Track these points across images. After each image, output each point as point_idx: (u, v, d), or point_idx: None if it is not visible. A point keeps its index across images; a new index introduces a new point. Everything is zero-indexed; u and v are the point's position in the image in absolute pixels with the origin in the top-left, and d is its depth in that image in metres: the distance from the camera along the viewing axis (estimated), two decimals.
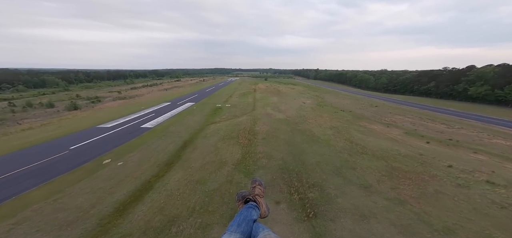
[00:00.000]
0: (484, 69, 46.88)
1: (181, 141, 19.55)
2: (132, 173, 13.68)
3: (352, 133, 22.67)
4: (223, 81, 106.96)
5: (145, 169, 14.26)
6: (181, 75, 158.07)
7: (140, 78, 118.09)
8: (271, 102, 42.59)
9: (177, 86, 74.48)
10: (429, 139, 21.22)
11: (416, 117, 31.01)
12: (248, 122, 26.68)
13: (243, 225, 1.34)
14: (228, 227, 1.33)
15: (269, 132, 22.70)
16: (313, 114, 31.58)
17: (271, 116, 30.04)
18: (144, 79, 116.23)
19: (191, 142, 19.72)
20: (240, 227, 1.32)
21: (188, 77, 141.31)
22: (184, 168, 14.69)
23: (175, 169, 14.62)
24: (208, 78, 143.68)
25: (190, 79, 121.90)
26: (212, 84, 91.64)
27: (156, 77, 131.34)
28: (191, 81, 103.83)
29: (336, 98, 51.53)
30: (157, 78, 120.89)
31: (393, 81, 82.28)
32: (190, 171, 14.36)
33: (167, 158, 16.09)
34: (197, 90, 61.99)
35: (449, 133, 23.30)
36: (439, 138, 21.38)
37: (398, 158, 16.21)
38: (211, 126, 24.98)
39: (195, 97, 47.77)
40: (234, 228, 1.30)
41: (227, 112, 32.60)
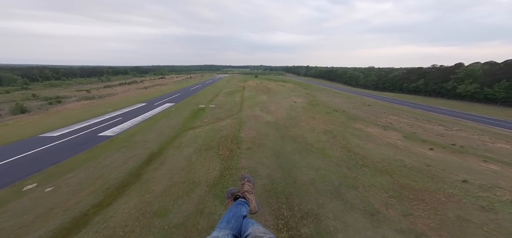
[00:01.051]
0: (472, 67, 46.94)
1: (146, 154, 16.06)
2: (62, 203, 10.17)
3: (349, 139, 20.28)
4: (211, 79, 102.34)
5: (85, 196, 10.77)
6: (167, 72, 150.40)
7: (120, 75, 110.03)
8: (260, 101, 39.63)
9: (159, 84, 69.25)
10: (431, 144, 19.31)
11: (411, 117, 29.46)
12: (233, 126, 23.55)
13: (232, 222, 1.35)
14: (217, 224, 1.35)
15: (255, 139, 19.74)
16: (305, 116, 29.03)
17: (259, 118, 27.09)
18: (124, 76, 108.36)
19: (159, 155, 16.29)
20: (229, 223, 1.33)
21: (174, 74, 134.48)
22: (141, 193, 11.37)
23: (128, 194, 11.25)
24: (195, 75, 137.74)
25: (176, 76, 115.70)
26: (199, 81, 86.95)
27: (137, 74, 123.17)
28: (177, 79, 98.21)
29: (328, 97, 49.61)
30: (139, 75, 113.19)
31: (382, 78, 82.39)
32: (148, 196, 11.09)
33: (121, 178, 12.63)
34: (180, 89, 57.53)
35: (450, 136, 21.65)
36: (441, 143, 19.55)
37: (404, 172, 13.90)
38: (188, 132, 21.57)
39: (177, 96, 43.63)
40: (224, 225, 1.31)
41: (210, 114, 29.19)
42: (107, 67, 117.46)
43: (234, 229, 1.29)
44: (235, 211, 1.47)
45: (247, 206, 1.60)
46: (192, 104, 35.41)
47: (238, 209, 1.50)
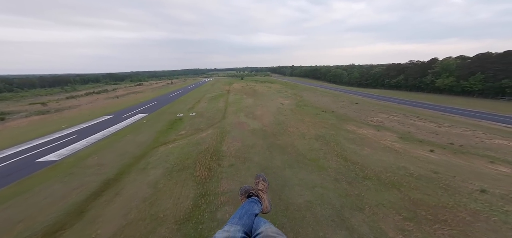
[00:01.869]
0: (447, 61, 48.60)
1: (98, 182, 12.51)
2: None
3: (343, 144, 18.22)
4: (194, 83, 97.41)
5: None
6: (146, 78, 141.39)
7: (90, 84, 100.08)
8: (246, 106, 36.83)
9: (135, 92, 63.35)
10: (430, 144, 17.90)
11: (400, 115, 28.57)
12: (214, 138, 20.47)
13: (244, 218, 1.34)
14: (229, 219, 1.34)
15: (239, 152, 16.88)
16: (294, 119, 26.77)
17: (244, 126, 24.27)
18: (95, 84, 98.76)
19: (116, 182, 12.80)
20: (241, 219, 1.32)
21: (154, 80, 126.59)
22: None
23: None
24: (178, 80, 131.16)
25: (156, 82, 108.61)
26: (181, 87, 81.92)
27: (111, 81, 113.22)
28: (156, 85, 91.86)
29: (315, 96, 48.27)
30: (113, 83, 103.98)
31: (365, 75, 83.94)
32: None
33: (54, 219, 9.18)
34: (158, 96, 52.72)
35: (444, 133, 20.60)
36: (439, 143, 18.24)
37: (412, 183, 11.92)
38: (159, 148, 18.10)
39: (152, 105, 39.22)
40: (236, 221, 1.31)
41: (189, 124, 25.76)
42: (75, 75, 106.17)
43: (245, 226, 1.28)
44: (248, 208, 1.46)
45: (260, 205, 1.59)
46: (169, 113, 31.54)
47: (250, 206, 1.49)
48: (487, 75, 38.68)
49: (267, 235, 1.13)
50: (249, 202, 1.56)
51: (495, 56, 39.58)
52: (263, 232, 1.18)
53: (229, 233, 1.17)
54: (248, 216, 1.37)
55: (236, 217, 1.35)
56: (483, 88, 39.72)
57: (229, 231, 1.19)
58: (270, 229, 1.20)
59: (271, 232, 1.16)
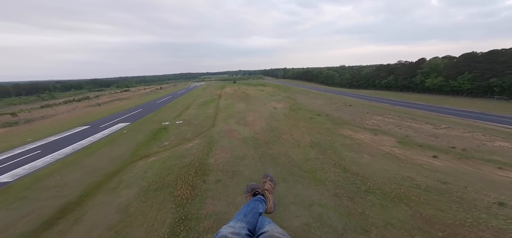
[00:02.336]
0: (435, 61, 49.34)
1: (55, 207, 10.46)
2: None
3: (340, 152, 16.89)
4: (184, 88, 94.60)
5: None
6: (134, 84, 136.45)
7: (72, 91, 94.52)
8: (237, 111, 35.12)
9: (120, 99, 60.05)
10: (431, 149, 16.92)
11: (395, 116, 27.85)
12: (201, 148, 18.63)
13: (249, 216, 1.34)
14: (234, 216, 1.35)
15: (228, 165, 15.14)
16: (288, 125, 25.34)
17: (235, 134, 22.54)
18: (77, 91, 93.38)
19: (77, 206, 10.76)
20: (246, 217, 1.33)
21: (143, 86, 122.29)
22: None
23: None
24: (168, 85, 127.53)
25: (144, 88, 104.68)
26: (170, 92, 79.06)
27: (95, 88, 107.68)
28: (144, 91, 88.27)
29: (308, 99, 47.34)
30: (97, 89, 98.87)
31: (356, 76, 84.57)
32: None
33: None
34: (144, 103, 49.95)
35: (443, 136, 19.80)
36: (440, 147, 17.31)
37: (421, 196, 10.64)
38: (138, 163, 16.02)
39: (136, 113, 36.64)
40: (241, 217, 1.31)
41: (175, 134, 23.70)
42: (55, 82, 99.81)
43: (250, 224, 1.28)
44: (253, 206, 1.46)
45: (265, 204, 1.58)
46: (153, 122, 29.25)
47: (255, 205, 1.49)
48: (475, 75, 39.28)
49: (272, 235, 1.11)
50: (255, 200, 1.56)
51: (481, 56, 40.36)
52: (268, 231, 1.16)
53: (234, 229, 1.15)
54: (253, 215, 1.37)
55: (241, 214, 1.35)
56: (472, 87, 40.23)
57: (234, 226, 1.18)
58: (275, 230, 1.17)
59: (276, 233, 1.13)
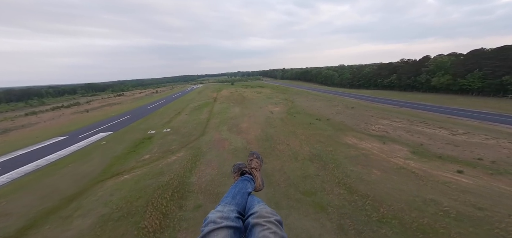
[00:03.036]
0: (441, 59, 46.86)
1: None
2: None
3: (344, 166, 14.40)
4: (180, 91, 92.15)
5: None
6: (130, 88, 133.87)
7: (66, 96, 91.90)
8: (231, 116, 32.65)
9: (111, 104, 57.45)
10: (453, 161, 14.42)
11: (403, 120, 25.33)
12: (184, 163, 16.18)
13: (237, 197, 1.30)
14: (222, 199, 1.31)
15: (212, 184, 12.70)
16: (285, 132, 22.84)
17: (225, 145, 20.06)
18: (71, 96, 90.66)
19: None
20: (235, 199, 1.28)
21: (139, 89, 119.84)
22: None
23: None
24: (164, 88, 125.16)
25: (139, 91, 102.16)
26: (165, 96, 76.61)
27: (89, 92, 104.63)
28: (139, 95, 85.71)
29: (307, 101, 44.85)
30: (91, 93, 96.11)
31: (356, 76, 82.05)
32: None
33: None
34: (134, 108, 47.46)
35: (463, 144, 17.28)
36: (463, 158, 14.80)
37: (452, 228, 8.16)
38: (107, 183, 13.57)
39: (123, 121, 34.12)
40: (229, 200, 1.26)
41: (159, 145, 21.22)
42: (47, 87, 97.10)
43: (239, 205, 1.23)
44: (241, 186, 1.43)
45: (253, 183, 1.55)
46: (138, 130, 26.73)
47: (243, 185, 1.46)
48: (486, 72, 36.79)
49: (261, 215, 1.09)
50: (242, 180, 1.52)
51: (492, 52, 37.86)
52: (258, 212, 1.13)
53: (222, 213, 1.10)
54: (241, 195, 1.33)
55: (229, 197, 1.31)
56: (483, 86, 37.70)
57: (222, 211, 1.13)
58: (264, 210, 1.14)
59: (265, 212, 1.11)
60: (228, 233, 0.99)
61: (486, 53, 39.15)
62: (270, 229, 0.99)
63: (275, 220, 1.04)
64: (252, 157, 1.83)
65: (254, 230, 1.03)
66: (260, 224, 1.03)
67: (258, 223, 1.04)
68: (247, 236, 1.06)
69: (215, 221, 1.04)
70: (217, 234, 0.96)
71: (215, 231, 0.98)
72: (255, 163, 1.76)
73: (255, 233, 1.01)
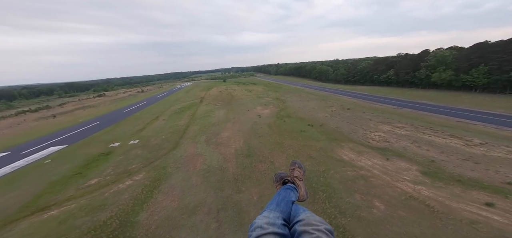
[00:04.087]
0: (442, 53, 44.07)
1: None
2: None
3: (338, 194, 11.23)
4: (167, 91, 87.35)
5: None
6: (115, 87, 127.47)
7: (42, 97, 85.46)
8: (214, 122, 29.09)
9: (86, 107, 52.68)
10: (477, 187, 11.42)
11: (407, 125, 22.33)
12: (137, 192, 12.76)
13: (282, 205, 1.30)
14: (267, 205, 1.32)
15: (165, 226, 9.43)
16: (270, 144, 19.48)
17: (197, 163, 16.61)
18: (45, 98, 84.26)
19: None
20: (279, 206, 1.28)
21: (125, 88, 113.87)
22: None
23: None
24: (152, 87, 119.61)
25: (124, 91, 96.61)
26: (148, 96, 71.97)
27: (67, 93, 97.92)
28: (123, 95, 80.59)
29: (300, 101, 41.55)
30: (70, 94, 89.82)
31: (351, 71, 79.15)
32: None
33: None
34: (108, 112, 43.12)
35: (484, 160, 14.34)
36: (490, 183, 11.83)
37: None
38: (20, 224, 10.08)
39: (87, 129, 29.99)
40: (274, 207, 1.27)
41: (115, 163, 17.56)
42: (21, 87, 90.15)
43: (284, 213, 1.23)
44: (285, 195, 1.42)
45: (296, 192, 1.53)
46: (99, 143, 22.88)
47: (287, 193, 1.45)
48: (492, 67, 34.22)
49: (309, 223, 1.06)
50: (285, 189, 1.52)
51: (498, 45, 35.23)
52: (305, 219, 1.11)
53: (268, 219, 1.12)
54: (285, 203, 1.33)
55: (274, 204, 1.32)
56: (488, 82, 35.18)
57: (268, 217, 1.15)
58: (312, 218, 1.11)
59: (314, 221, 1.08)
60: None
61: (492, 46, 36.48)
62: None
63: (325, 229, 0.99)
64: (294, 166, 1.80)
65: None
66: (308, 231, 1.00)
67: (306, 231, 1.01)
68: None
69: (262, 226, 1.04)
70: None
71: (263, 237, 0.98)
72: (297, 172, 1.73)
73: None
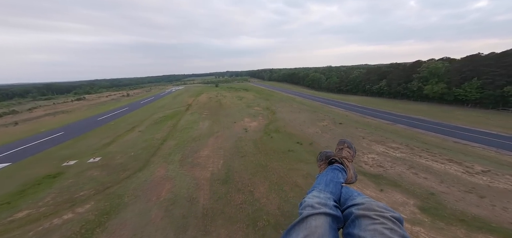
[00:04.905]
0: (435, 65, 43.98)
1: None
2: None
3: None
4: (154, 95, 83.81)
5: None
6: (100, 89, 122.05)
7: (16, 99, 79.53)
8: (195, 136, 26.69)
9: (58, 112, 48.56)
10: (484, 228, 9.90)
11: (402, 145, 20.85)
12: (73, 231, 10.11)
13: (331, 185, 1.22)
14: (314, 185, 1.25)
15: None
16: (253, 167, 17.32)
17: (163, 191, 14.24)
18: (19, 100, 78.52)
19: None
20: (328, 187, 1.20)
21: (110, 91, 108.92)
22: None
23: None
24: (140, 90, 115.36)
25: (107, 94, 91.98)
26: (133, 101, 68.45)
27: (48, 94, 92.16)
28: (105, 98, 76.35)
29: (291, 112, 39.85)
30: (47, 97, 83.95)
31: (344, 80, 79.06)
32: None
33: None
34: (78, 120, 39.49)
35: (487, 192, 12.82)
36: (499, 225, 10.26)
37: None
38: None
39: (46, 141, 26.49)
40: (323, 187, 1.20)
41: (61, 189, 14.81)
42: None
43: (334, 194, 1.15)
44: (333, 176, 1.32)
45: (344, 173, 1.40)
46: (51, 160, 19.88)
47: (335, 174, 1.35)
48: (485, 82, 33.96)
49: (371, 208, 0.93)
50: (332, 169, 1.41)
51: (491, 58, 35.16)
52: (364, 204, 0.98)
53: (320, 199, 1.04)
54: (334, 184, 1.24)
55: (322, 184, 1.24)
56: (481, 96, 34.89)
57: (319, 196, 1.08)
58: (375, 203, 0.96)
59: (377, 206, 0.93)
60: (327, 220, 0.92)
61: (485, 59, 36.43)
62: (385, 225, 0.81)
63: (391, 217, 0.86)
64: (343, 145, 1.64)
65: (361, 222, 0.89)
66: (370, 217, 0.88)
67: (366, 215, 0.90)
68: (348, 227, 0.94)
69: (313, 206, 0.98)
70: (315, 219, 0.91)
71: (314, 216, 0.92)
72: (346, 152, 1.58)
73: (362, 226, 0.87)
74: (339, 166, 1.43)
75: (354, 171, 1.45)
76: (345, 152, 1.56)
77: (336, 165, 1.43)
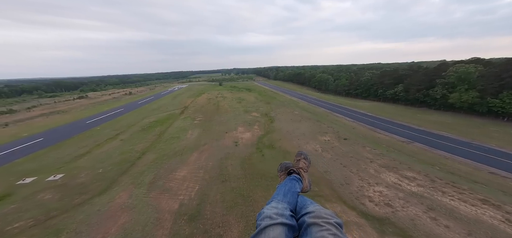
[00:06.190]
0: (465, 69, 38.60)
1: None
2: None
3: None
4: (154, 95, 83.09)
5: None
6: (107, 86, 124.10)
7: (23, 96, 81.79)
8: (178, 149, 24.39)
9: (53, 112, 48.36)
10: None
11: (420, 174, 17.20)
12: None
13: (288, 196, 1.33)
14: (273, 196, 1.34)
15: None
16: (233, 195, 14.62)
17: (112, 227, 11.92)
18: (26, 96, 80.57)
19: None
20: (286, 197, 1.31)
21: (115, 89, 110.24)
22: None
23: None
24: (144, 88, 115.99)
25: (111, 92, 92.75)
26: (131, 101, 67.86)
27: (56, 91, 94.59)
28: (108, 97, 76.62)
29: (291, 121, 36.58)
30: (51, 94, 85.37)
31: (354, 83, 73.43)
32: None
33: None
34: (66, 124, 38.70)
35: None
36: None
37: None
38: None
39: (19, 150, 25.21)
40: (281, 197, 1.30)
41: (1, 215, 12.80)
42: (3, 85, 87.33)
43: (290, 204, 1.27)
44: (290, 186, 1.46)
45: (301, 183, 1.57)
46: (7, 176, 18.29)
47: (292, 184, 1.48)
48: None
49: (319, 216, 1.07)
50: (290, 179, 1.56)
51: None
52: (314, 212, 1.12)
53: (277, 210, 1.14)
54: (291, 194, 1.36)
55: (280, 194, 1.33)
56: None
57: (277, 207, 1.17)
58: (322, 210, 1.12)
59: (324, 213, 1.09)
60: (283, 230, 1.00)
61: None
62: (329, 231, 0.96)
63: (335, 222, 1.01)
64: (300, 157, 1.83)
65: (311, 230, 1.01)
66: (318, 224, 1.01)
67: (315, 223, 1.03)
68: (302, 235, 1.05)
69: (271, 217, 1.06)
70: (273, 229, 0.98)
71: (271, 227, 0.99)
72: (302, 163, 1.77)
73: (312, 233, 0.99)
74: (297, 176, 1.62)
75: (309, 180, 1.67)
76: (302, 163, 1.78)
77: (294, 176, 1.62)
